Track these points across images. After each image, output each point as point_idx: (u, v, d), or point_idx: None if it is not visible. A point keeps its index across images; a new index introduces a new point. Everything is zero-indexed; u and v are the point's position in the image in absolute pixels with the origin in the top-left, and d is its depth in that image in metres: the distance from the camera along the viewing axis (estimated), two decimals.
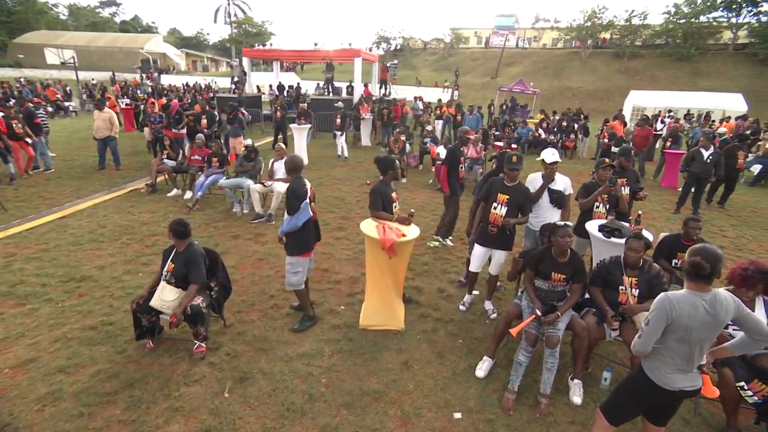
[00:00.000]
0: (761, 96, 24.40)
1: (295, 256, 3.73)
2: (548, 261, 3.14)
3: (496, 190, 3.77)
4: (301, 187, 3.62)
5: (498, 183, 3.82)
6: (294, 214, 3.61)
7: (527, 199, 3.80)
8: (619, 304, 3.09)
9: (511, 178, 3.75)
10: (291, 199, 3.58)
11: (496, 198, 3.76)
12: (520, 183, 3.82)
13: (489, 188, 3.83)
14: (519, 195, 3.74)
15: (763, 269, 2.63)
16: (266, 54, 21.82)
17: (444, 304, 4.31)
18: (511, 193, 3.73)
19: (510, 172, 3.73)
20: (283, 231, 3.70)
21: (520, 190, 3.78)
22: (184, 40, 67.55)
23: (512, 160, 3.68)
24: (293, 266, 3.75)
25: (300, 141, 10.90)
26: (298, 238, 3.71)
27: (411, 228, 3.74)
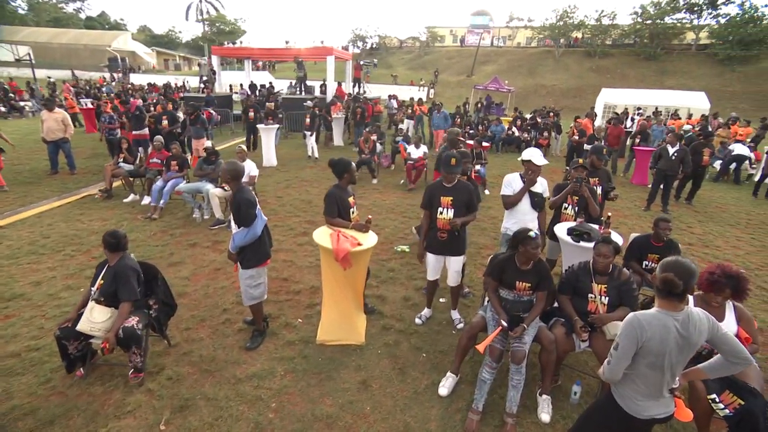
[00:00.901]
0: (721, 94, 25.28)
1: (254, 267, 3.44)
2: (511, 270, 2.95)
3: (438, 195, 3.55)
4: (248, 193, 3.33)
5: (437, 187, 3.59)
6: (250, 223, 3.30)
7: (472, 195, 3.60)
8: (589, 313, 2.93)
9: (449, 180, 3.54)
10: (243, 208, 3.25)
11: (439, 202, 3.54)
12: (460, 181, 3.62)
13: (429, 194, 3.60)
14: (463, 193, 3.54)
15: (730, 273, 2.51)
16: (236, 52, 21.19)
17: (408, 314, 4.09)
18: (453, 194, 3.52)
19: (447, 176, 3.52)
20: (238, 245, 3.36)
21: (463, 188, 3.57)
22: (156, 38, 65.29)
23: (451, 163, 3.46)
24: (254, 279, 3.46)
25: (268, 142, 10.51)
26: (256, 248, 3.42)
27: (368, 236, 3.50)
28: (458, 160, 3.46)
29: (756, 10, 30.29)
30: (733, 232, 7.07)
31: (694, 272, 1.79)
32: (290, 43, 19.60)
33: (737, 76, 28.54)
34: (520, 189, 3.86)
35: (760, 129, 13.54)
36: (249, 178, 6.74)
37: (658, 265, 1.89)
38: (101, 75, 35.97)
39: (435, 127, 12.00)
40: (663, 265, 1.85)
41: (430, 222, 3.62)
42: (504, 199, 3.92)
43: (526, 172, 3.82)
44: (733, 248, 6.34)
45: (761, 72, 28.19)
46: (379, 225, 6.54)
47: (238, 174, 3.38)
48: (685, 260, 1.84)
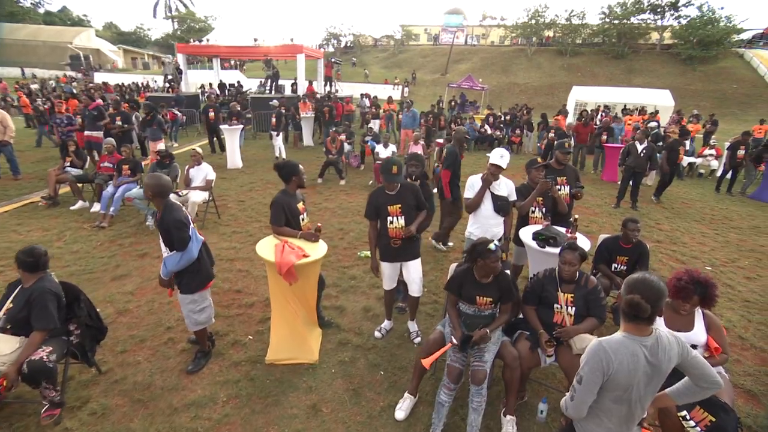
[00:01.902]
0: (684, 92, 26.10)
1: (197, 291, 3.09)
2: (470, 283, 2.72)
3: (384, 204, 3.30)
4: (178, 212, 2.93)
5: (381, 195, 3.33)
6: (184, 246, 2.93)
7: (419, 194, 3.38)
8: (555, 324, 2.73)
9: (391, 188, 3.30)
10: (174, 231, 2.86)
11: (387, 212, 3.29)
12: (404, 184, 3.38)
13: (374, 204, 3.34)
14: (409, 197, 3.31)
15: (697, 279, 2.35)
16: (202, 50, 20.48)
17: (368, 326, 3.82)
18: (400, 200, 3.28)
19: (387, 185, 3.28)
20: (171, 271, 2.98)
21: (407, 191, 3.33)
22: (123, 36, 62.73)
23: (392, 171, 3.20)
24: (197, 303, 3.11)
25: (232, 143, 10.06)
26: (194, 271, 3.06)
27: (317, 246, 3.22)
28: (400, 168, 3.21)
29: (713, 12, 31.45)
30: (698, 228, 7.12)
31: (662, 292, 1.59)
32: (259, 41, 19.08)
33: (698, 75, 29.52)
34: (477, 191, 3.65)
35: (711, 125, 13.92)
36: (206, 182, 6.36)
37: (623, 284, 1.69)
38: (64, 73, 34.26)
39: (403, 126, 11.68)
40: (628, 285, 1.65)
41: (379, 232, 3.36)
42: (465, 202, 3.70)
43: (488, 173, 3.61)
44: (699, 244, 6.34)
45: (720, 71, 29.26)
46: (344, 229, 6.25)
47: (163, 189, 2.94)
48: (652, 278, 1.64)
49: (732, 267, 5.55)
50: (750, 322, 4.17)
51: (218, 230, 6.22)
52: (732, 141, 9.98)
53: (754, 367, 3.45)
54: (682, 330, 2.47)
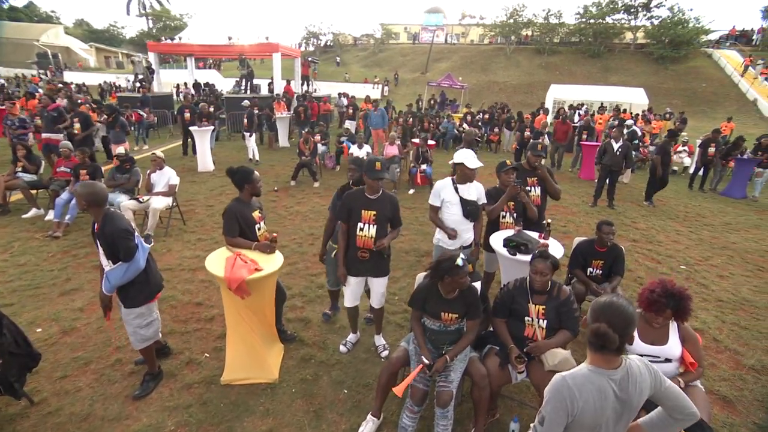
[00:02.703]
0: (657, 90, 26.66)
1: (143, 304, 2.83)
2: (435, 299, 2.54)
3: (358, 207, 3.05)
4: (120, 220, 2.68)
5: (358, 198, 3.08)
6: (131, 257, 2.67)
7: (397, 209, 3.16)
8: (526, 338, 2.57)
9: (374, 189, 3.06)
10: (120, 241, 2.62)
11: (359, 216, 3.06)
12: (385, 193, 3.15)
13: (348, 204, 3.09)
14: (386, 208, 3.07)
15: (671, 291, 2.21)
16: (174, 49, 19.85)
17: (334, 340, 3.61)
18: (377, 208, 3.04)
19: (373, 183, 3.01)
20: (115, 286, 2.72)
21: (387, 200, 3.10)
22: (95, 34, 60.49)
23: (375, 167, 2.98)
24: (145, 317, 2.86)
25: (202, 145, 9.69)
26: (142, 281, 2.81)
27: (272, 258, 2.99)
28: (384, 166, 3.00)
29: (683, 14, 32.29)
30: (673, 226, 7.14)
31: (631, 319, 1.43)
32: (234, 39, 18.56)
33: (670, 74, 30.23)
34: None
35: (680, 123, 14.18)
36: (169, 187, 6.03)
37: (589, 309, 1.53)
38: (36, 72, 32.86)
39: (373, 126, 11.39)
40: (594, 311, 1.48)
41: (348, 239, 3.15)
42: (430, 210, 3.51)
43: (458, 176, 3.42)
44: (674, 243, 6.34)
45: (690, 70, 30.06)
46: (315, 234, 6.01)
47: (98, 198, 2.67)
48: (621, 302, 1.48)
49: (705, 265, 5.54)
50: (724, 322, 4.12)
51: (183, 238, 5.91)
52: (703, 139, 10.14)
53: (729, 371, 3.38)
54: (656, 343, 2.34)
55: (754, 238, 6.72)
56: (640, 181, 10.47)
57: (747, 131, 16.74)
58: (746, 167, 9.51)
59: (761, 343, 3.80)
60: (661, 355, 2.34)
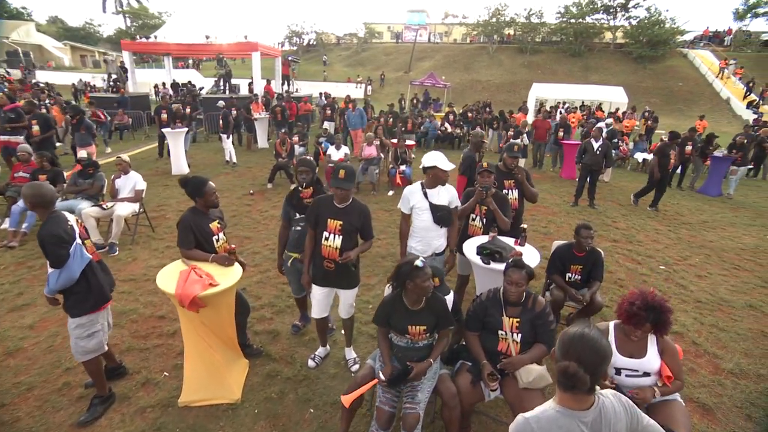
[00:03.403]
0: (636, 89, 27.10)
1: (83, 315, 2.63)
2: (401, 312, 2.38)
3: (325, 215, 2.87)
4: (57, 225, 2.49)
5: (326, 205, 2.90)
6: (60, 264, 2.49)
7: (367, 220, 2.96)
8: (499, 353, 2.42)
9: (341, 198, 2.87)
10: (48, 246, 2.46)
11: (325, 225, 2.87)
12: (356, 201, 2.97)
13: (315, 210, 2.91)
14: (354, 218, 2.88)
15: (650, 304, 2.09)
16: (149, 48, 19.31)
17: (302, 353, 3.42)
18: (344, 218, 2.86)
19: (338, 191, 2.82)
20: (52, 290, 2.59)
21: (357, 210, 2.91)
22: (70, 32, 58.56)
23: (338, 176, 2.78)
24: (85, 328, 2.66)
25: (176, 147, 9.36)
26: (81, 292, 2.62)
27: (230, 271, 2.78)
28: (349, 173, 2.80)
29: (660, 14, 32.93)
30: (652, 225, 7.14)
31: (605, 356, 1.28)
32: (211, 38, 18.09)
33: (649, 74, 30.78)
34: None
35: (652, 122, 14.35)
36: (135, 193, 5.75)
37: (558, 341, 1.37)
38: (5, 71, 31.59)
39: (352, 126, 11.16)
40: (564, 345, 1.32)
41: (314, 246, 2.97)
42: (401, 218, 3.35)
43: (429, 180, 3.24)
44: (653, 242, 6.32)
45: (667, 70, 30.68)
46: None
47: (44, 199, 2.55)
48: (592, 335, 1.32)
49: (684, 265, 5.51)
50: (702, 324, 4.07)
51: (150, 245, 5.64)
52: (680, 137, 10.23)
53: (708, 376, 3.31)
54: (634, 356, 2.23)
55: (730, 236, 6.76)
56: (620, 179, 10.55)
57: (720, 129, 17.12)
58: (722, 165, 9.63)
59: (739, 345, 3.75)
60: (639, 368, 2.22)
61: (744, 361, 3.50)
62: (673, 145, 7.93)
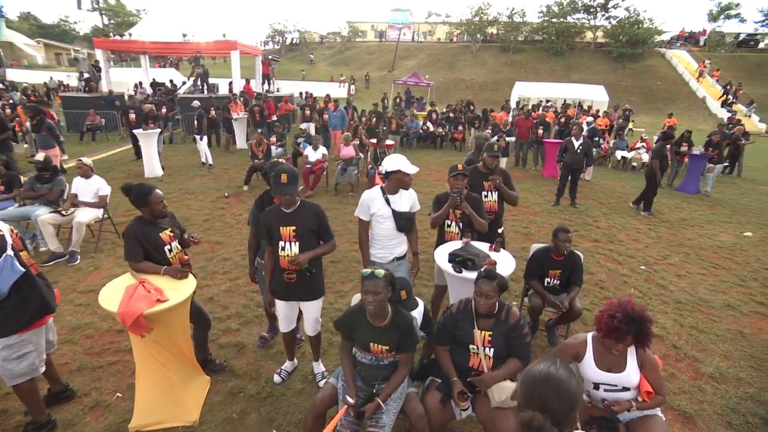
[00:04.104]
0: (616, 88, 27.49)
1: (11, 334, 2.37)
2: (364, 326, 2.21)
3: (276, 224, 2.67)
4: None
5: (274, 214, 2.69)
6: None
7: (322, 219, 2.75)
8: (471, 369, 2.27)
9: (287, 203, 2.65)
10: None
11: (279, 234, 2.68)
12: (305, 202, 2.76)
13: (266, 223, 2.71)
14: (308, 219, 2.68)
15: (631, 316, 1.94)
16: (124, 46, 18.70)
17: (269, 368, 3.22)
18: (295, 222, 2.66)
19: (283, 198, 2.60)
20: None
21: (308, 211, 2.70)
22: (44, 29, 56.59)
23: (281, 180, 2.55)
24: (14, 349, 2.39)
25: (148, 149, 9.00)
26: (13, 307, 2.35)
27: (183, 284, 2.57)
28: (292, 176, 2.60)
29: (638, 14, 33.52)
30: (633, 224, 7.12)
31: (574, 402, 1.12)
32: (188, 36, 17.59)
33: (628, 72, 31.30)
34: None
35: (623, 120, 14.49)
36: (98, 198, 5.44)
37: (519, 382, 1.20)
38: None
39: (331, 126, 10.91)
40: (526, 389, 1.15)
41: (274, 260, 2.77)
42: (359, 225, 3.10)
43: (390, 185, 2.99)
44: (634, 242, 6.29)
45: (646, 69, 31.25)
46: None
47: None
48: (560, 376, 1.14)
49: (664, 264, 5.48)
50: (682, 326, 4.00)
51: (115, 253, 5.35)
52: (659, 135, 10.31)
53: (689, 381, 3.22)
54: (613, 370, 2.10)
55: (708, 234, 6.78)
56: (601, 178, 10.57)
57: (697, 127, 17.43)
58: (699, 163, 9.72)
59: (718, 347, 3.69)
60: (618, 383, 2.10)
61: (724, 365, 3.43)
62: (665, 146, 7.85)
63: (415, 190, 3.29)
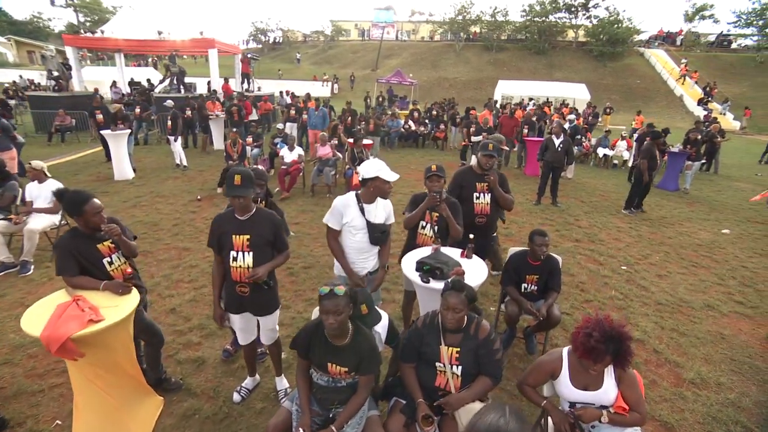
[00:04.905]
0: (598, 86, 27.85)
1: None
2: (321, 345, 2.01)
3: (228, 232, 2.45)
4: None
5: (227, 220, 2.47)
6: None
7: (278, 228, 2.52)
8: (437, 389, 2.09)
9: (241, 208, 2.41)
10: None
11: (231, 244, 2.46)
12: (261, 210, 2.54)
13: (216, 230, 2.50)
14: (264, 228, 2.46)
15: (609, 334, 1.78)
16: (96, 43, 18.04)
17: (229, 385, 2.99)
18: (250, 231, 2.43)
19: (235, 201, 2.37)
20: None
21: (264, 220, 2.48)
22: (15, 26, 54.56)
23: (235, 182, 2.33)
24: None
25: (118, 151, 8.61)
26: None
27: (124, 300, 2.33)
28: (248, 180, 2.38)
29: (618, 14, 34.02)
30: (614, 223, 7.07)
31: None
32: (164, 34, 17.07)
33: (609, 71, 31.73)
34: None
35: (592, 118, 14.58)
36: (54, 204, 5.09)
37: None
38: None
39: (311, 126, 10.58)
40: None
41: (224, 271, 2.54)
42: (328, 234, 2.87)
43: (367, 193, 2.76)
44: (615, 241, 6.23)
45: (626, 68, 31.75)
46: None
47: None
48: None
49: (645, 264, 5.41)
50: (663, 329, 3.91)
51: None
52: (639, 133, 10.36)
53: (670, 388, 3.11)
54: (589, 388, 1.94)
55: (688, 232, 6.77)
56: (583, 176, 10.56)
57: (675, 125, 17.68)
58: (678, 161, 9.77)
59: (699, 350, 3.60)
60: (595, 401, 1.95)
61: (704, 369, 3.34)
62: (654, 145, 7.65)
63: (394, 191, 3.10)
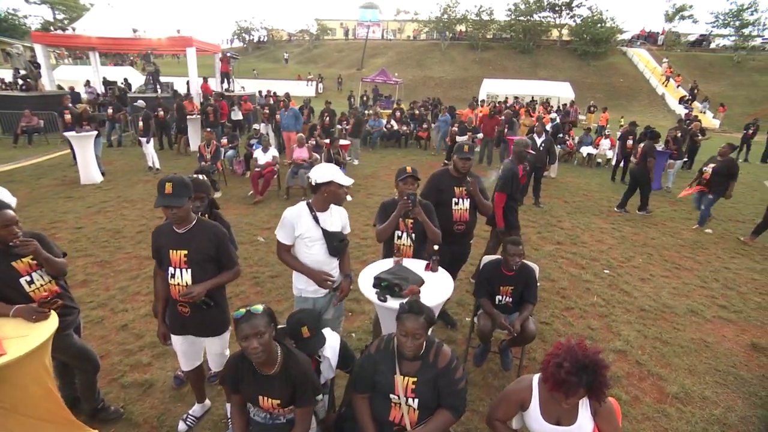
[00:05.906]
0: (581, 85, 28.01)
1: None
2: (251, 375, 1.77)
3: (166, 246, 2.20)
4: None
5: (165, 233, 2.23)
6: None
7: (222, 241, 2.24)
8: (392, 424, 1.85)
9: (177, 219, 2.13)
10: None
11: (168, 259, 2.20)
12: (203, 223, 2.28)
13: (154, 243, 2.27)
14: (203, 243, 2.19)
15: (582, 363, 1.55)
16: (67, 41, 17.39)
17: (176, 411, 2.71)
18: (187, 246, 2.17)
19: (168, 212, 2.08)
20: None
21: (205, 234, 2.21)
22: None
23: (165, 191, 2.03)
24: None
25: (84, 153, 8.20)
26: None
27: (36, 329, 2.03)
28: (179, 186, 2.09)
29: (601, 13, 34.36)
30: (597, 224, 6.94)
31: None
32: (139, 32, 16.54)
33: (592, 70, 32.00)
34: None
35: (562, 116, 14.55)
36: None
37: None
38: None
39: (284, 128, 10.05)
40: None
41: (165, 287, 2.29)
42: (278, 249, 2.57)
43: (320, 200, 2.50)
44: (597, 243, 6.08)
45: (609, 66, 32.06)
46: None
47: None
48: None
49: (628, 267, 5.26)
50: (646, 338, 3.74)
51: None
52: (622, 131, 10.30)
53: (653, 405, 2.93)
54: (562, 422, 1.73)
55: (671, 232, 6.68)
56: (566, 175, 10.45)
57: (657, 123, 17.75)
58: (661, 159, 9.70)
59: (683, 360, 3.44)
60: None
61: (688, 382, 3.17)
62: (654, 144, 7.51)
63: (374, 192, 2.87)
